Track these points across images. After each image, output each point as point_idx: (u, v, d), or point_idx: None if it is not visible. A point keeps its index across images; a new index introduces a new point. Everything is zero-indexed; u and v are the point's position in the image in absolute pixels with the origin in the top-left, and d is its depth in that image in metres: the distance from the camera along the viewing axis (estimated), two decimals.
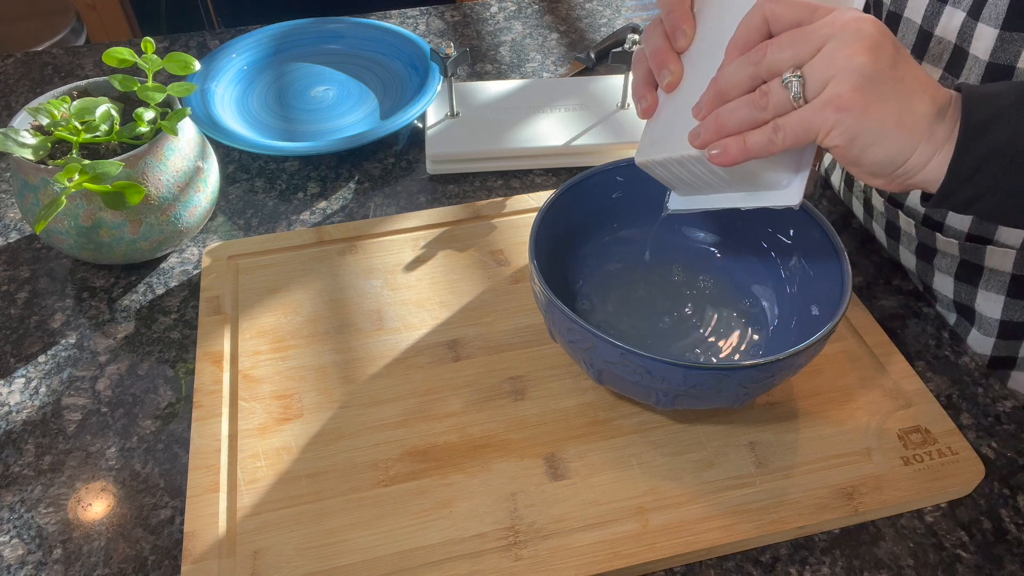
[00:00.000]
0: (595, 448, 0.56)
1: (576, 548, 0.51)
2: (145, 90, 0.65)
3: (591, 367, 0.53)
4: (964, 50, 0.58)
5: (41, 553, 0.52)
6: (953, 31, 0.58)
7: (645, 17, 1.08)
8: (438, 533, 0.51)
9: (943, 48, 0.60)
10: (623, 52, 0.79)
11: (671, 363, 0.48)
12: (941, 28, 0.59)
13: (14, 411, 0.61)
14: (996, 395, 0.61)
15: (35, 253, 0.74)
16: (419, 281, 0.68)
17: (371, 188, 0.80)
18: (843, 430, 0.57)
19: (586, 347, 0.51)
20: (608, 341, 0.49)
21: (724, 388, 0.50)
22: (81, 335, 0.66)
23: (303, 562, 0.50)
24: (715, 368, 0.49)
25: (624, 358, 0.49)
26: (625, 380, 0.52)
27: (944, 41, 0.59)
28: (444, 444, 0.56)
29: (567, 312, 0.50)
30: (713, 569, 0.52)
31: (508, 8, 1.10)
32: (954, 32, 0.58)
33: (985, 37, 0.55)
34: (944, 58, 0.60)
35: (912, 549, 0.52)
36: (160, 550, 0.52)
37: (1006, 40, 0.54)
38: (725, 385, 0.50)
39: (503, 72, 0.97)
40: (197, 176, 0.68)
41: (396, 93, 0.90)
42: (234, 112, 0.87)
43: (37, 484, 0.56)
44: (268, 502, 0.53)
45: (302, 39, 0.97)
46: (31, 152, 0.62)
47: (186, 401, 0.61)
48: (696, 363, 0.49)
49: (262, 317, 0.65)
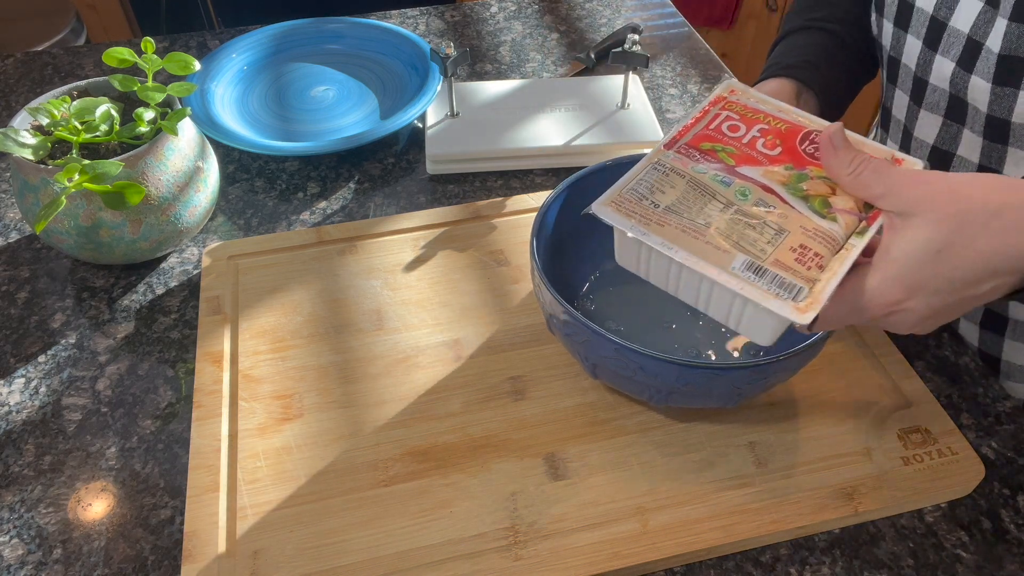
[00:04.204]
0: (595, 448, 0.56)
1: (576, 548, 0.51)
2: (145, 90, 0.65)
3: (587, 361, 0.54)
4: (961, 99, 0.57)
5: (41, 553, 0.52)
6: (945, 80, 0.58)
7: (645, 17, 1.08)
8: (438, 533, 0.51)
9: (939, 96, 0.59)
10: (623, 52, 0.79)
11: (664, 360, 0.48)
12: (934, 76, 0.59)
13: (14, 411, 0.61)
14: (996, 395, 0.61)
15: (35, 253, 0.74)
16: (419, 281, 0.68)
17: (371, 188, 0.80)
18: (843, 430, 0.57)
19: (582, 340, 0.51)
20: (603, 335, 0.49)
21: (717, 387, 0.50)
22: (81, 335, 0.66)
23: (303, 562, 0.50)
24: (708, 367, 0.49)
25: (618, 353, 0.49)
26: (620, 375, 0.52)
27: (939, 89, 0.59)
28: (444, 444, 0.56)
29: (565, 305, 0.50)
30: (713, 569, 0.52)
31: (508, 8, 1.10)
32: (946, 81, 0.58)
33: (980, 90, 0.55)
34: (942, 106, 0.60)
35: (912, 549, 0.52)
36: (160, 550, 0.52)
37: (999, 95, 0.54)
38: (717, 385, 0.50)
39: (503, 72, 0.97)
40: (197, 176, 0.68)
41: (396, 93, 0.90)
42: (234, 112, 0.87)
43: (37, 484, 0.56)
44: (268, 502, 0.53)
45: (302, 39, 0.97)
46: (31, 152, 0.62)
47: (186, 401, 0.61)
48: (689, 361, 0.49)
49: (262, 317, 0.65)
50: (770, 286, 0.43)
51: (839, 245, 0.44)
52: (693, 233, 0.45)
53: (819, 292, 0.42)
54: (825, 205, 0.45)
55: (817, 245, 0.43)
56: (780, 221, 0.44)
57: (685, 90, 0.94)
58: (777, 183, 0.46)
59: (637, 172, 0.48)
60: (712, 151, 0.48)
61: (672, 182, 0.47)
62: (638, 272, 0.49)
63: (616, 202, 0.47)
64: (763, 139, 0.49)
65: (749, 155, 0.48)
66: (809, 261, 0.43)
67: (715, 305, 0.46)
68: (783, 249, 0.44)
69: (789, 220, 0.44)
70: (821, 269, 0.43)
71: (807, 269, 0.43)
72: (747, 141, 0.49)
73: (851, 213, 0.45)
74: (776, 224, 0.44)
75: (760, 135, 0.49)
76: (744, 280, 0.43)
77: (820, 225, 0.44)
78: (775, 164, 0.47)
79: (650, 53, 0.97)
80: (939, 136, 0.62)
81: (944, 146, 0.62)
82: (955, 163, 0.62)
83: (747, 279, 0.43)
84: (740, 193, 0.46)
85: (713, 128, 0.50)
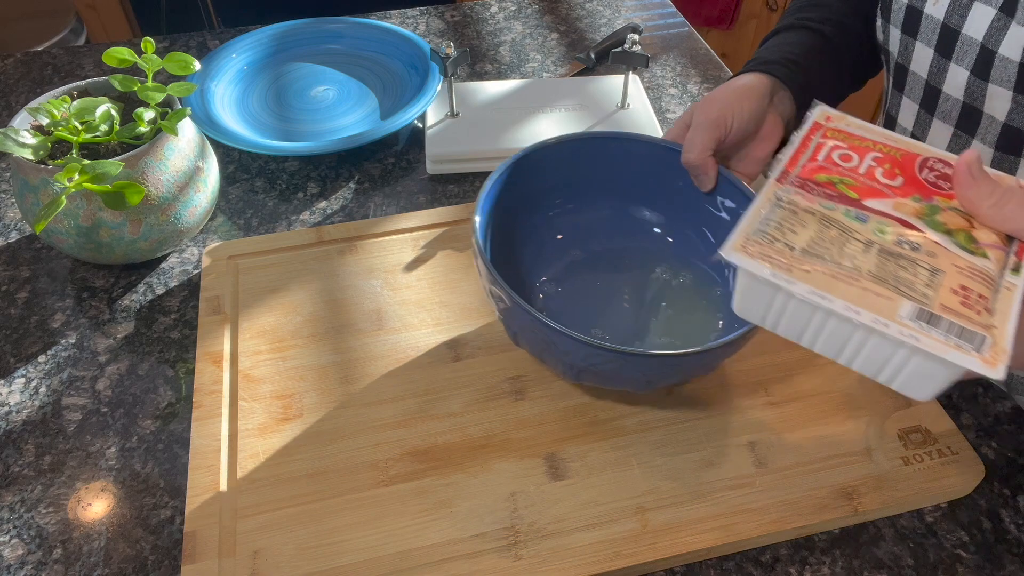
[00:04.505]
0: (595, 448, 0.56)
1: (576, 548, 0.51)
2: (145, 90, 0.65)
3: (509, 329, 0.55)
4: (976, 109, 0.56)
5: (41, 553, 0.52)
6: (959, 88, 0.57)
7: (645, 17, 1.08)
8: (438, 533, 0.51)
9: (951, 105, 0.58)
10: (623, 52, 0.79)
11: (574, 338, 0.48)
12: (948, 85, 0.58)
13: (14, 411, 0.61)
14: (996, 395, 0.61)
15: (35, 253, 0.74)
16: (419, 281, 0.68)
17: (371, 188, 0.80)
18: (843, 430, 0.57)
19: (503, 308, 0.52)
20: (521, 306, 0.49)
21: (626, 372, 0.50)
22: (81, 335, 0.66)
23: (303, 562, 0.50)
24: (615, 351, 0.48)
25: (533, 325, 0.50)
26: (536, 347, 0.53)
27: (952, 99, 0.58)
28: (444, 444, 0.56)
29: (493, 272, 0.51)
30: (713, 569, 0.52)
31: (508, 8, 1.10)
32: (960, 89, 0.56)
33: (1000, 98, 0.54)
34: (953, 115, 0.59)
35: (912, 549, 0.52)
36: (160, 550, 0.52)
37: (1020, 103, 0.52)
38: (627, 370, 0.50)
39: (503, 72, 0.97)
40: (197, 176, 0.68)
41: (396, 93, 0.90)
42: (234, 112, 0.87)
43: (37, 484, 0.56)
44: (268, 502, 0.53)
45: (302, 39, 0.97)
46: (31, 152, 0.62)
47: (186, 401, 0.61)
48: (596, 343, 0.48)
49: (262, 317, 0.65)
50: (947, 336, 0.38)
51: (995, 283, 0.40)
52: (845, 279, 0.40)
53: (1001, 339, 0.38)
54: (971, 240, 0.42)
55: (977, 285, 0.40)
56: (930, 260, 0.41)
57: (685, 90, 0.94)
58: (912, 217, 0.43)
59: (758, 211, 0.44)
60: (829, 183, 0.45)
61: (801, 220, 0.43)
62: (762, 323, 0.44)
63: (746, 246, 0.42)
64: (880, 168, 0.45)
65: (871, 186, 0.45)
66: (975, 304, 0.39)
67: (867, 359, 0.42)
68: (944, 291, 0.40)
69: (939, 258, 0.41)
70: (990, 312, 0.39)
71: (977, 314, 0.39)
72: (864, 171, 0.45)
73: (998, 247, 0.41)
74: (928, 264, 0.41)
75: (876, 164, 0.46)
76: (917, 330, 0.39)
77: (973, 262, 0.41)
78: (902, 195, 0.44)
79: (650, 53, 0.97)
80: (949, 147, 0.61)
81: None
82: None
83: (920, 329, 0.39)
84: (879, 230, 0.42)
85: (823, 158, 0.46)
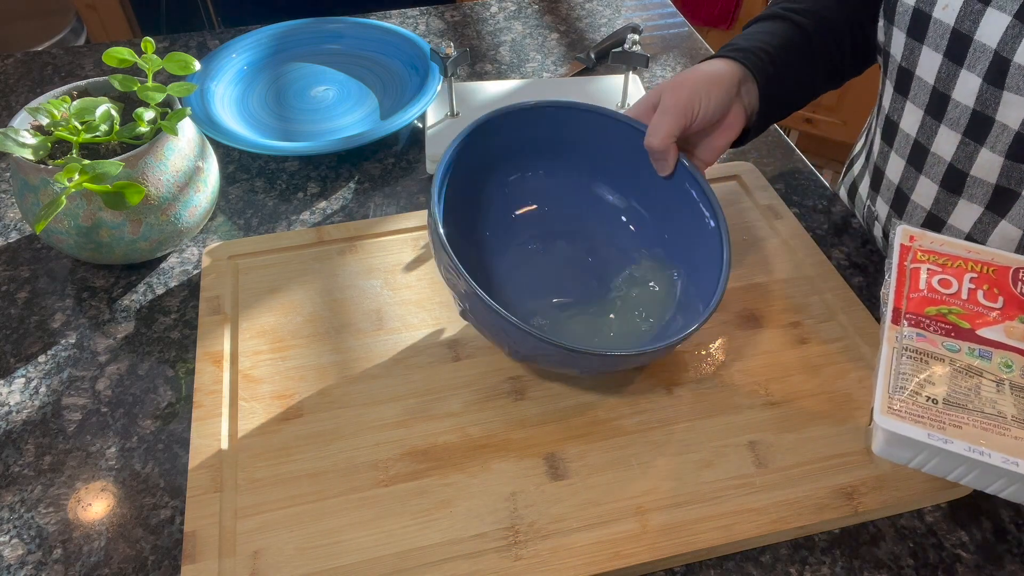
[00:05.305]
0: (595, 448, 0.56)
1: (576, 548, 0.51)
2: (145, 90, 0.65)
3: (458, 304, 0.55)
4: (987, 116, 0.55)
5: (41, 553, 0.52)
6: (971, 95, 0.56)
7: (645, 17, 1.08)
8: (438, 533, 0.51)
9: (960, 112, 0.57)
10: (623, 52, 0.79)
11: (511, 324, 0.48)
12: (957, 92, 0.57)
13: (14, 411, 0.61)
14: None
15: (35, 253, 0.74)
16: (419, 281, 0.68)
17: (371, 188, 0.80)
18: (843, 430, 0.57)
19: (453, 283, 0.52)
20: (469, 283, 0.49)
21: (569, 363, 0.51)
22: (81, 335, 0.66)
23: (303, 562, 0.50)
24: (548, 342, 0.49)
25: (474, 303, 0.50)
26: (481, 326, 0.53)
27: (962, 105, 0.57)
28: (444, 444, 0.56)
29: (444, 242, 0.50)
30: (713, 569, 0.52)
31: (508, 8, 1.10)
32: (972, 97, 0.56)
33: (1015, 106, 0.53)
34: (962, 123, 0.58)
35: (912, 549, 0.52)
36: (160, 550, 0.52)
37: None
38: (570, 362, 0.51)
39: (503, 72, 0.97)
40: (197, 176, 0.68)
41: (396, 93, 0.90)
42: (234, 112, 0.87)
43: (37, 484, 0.56)
44: (268, 502, 0.53)
45: (302, 39, 0.97)
46: (31, 152, 0.62)
47: (186, 401, 0.61)
48: (531, 330, 0.48)
49: (262, 317, 0.65)
50: None
51: None
52: (995, 429, 0.41)
53: None
54: None
55: None
56: None
57: None
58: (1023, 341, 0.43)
59: (888, 363, 0.44)
60: (940, 316, 0.45)
61: (931, 368, 0.44)
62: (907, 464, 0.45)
63: (891, 406, 0.43)
64: (980, 290, 0.46)
65: (978, 312, 0.45)
66: None
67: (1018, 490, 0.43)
68: None
69: None
70: None
71: None
72: (967, 297, 0.46)
73: None
74: None
75: (975, 286, 0.46)
76: None
77: None
78: (1008, 318, 0.44)
79: (650, 53, 0.97)
80: (955, 154, 0.60)
81: (959, 165, 0.60)
82: (969, 184, 0.60)
83: None
84: (1004, 365, 0.43)
85: (925, 286, 0.47)
